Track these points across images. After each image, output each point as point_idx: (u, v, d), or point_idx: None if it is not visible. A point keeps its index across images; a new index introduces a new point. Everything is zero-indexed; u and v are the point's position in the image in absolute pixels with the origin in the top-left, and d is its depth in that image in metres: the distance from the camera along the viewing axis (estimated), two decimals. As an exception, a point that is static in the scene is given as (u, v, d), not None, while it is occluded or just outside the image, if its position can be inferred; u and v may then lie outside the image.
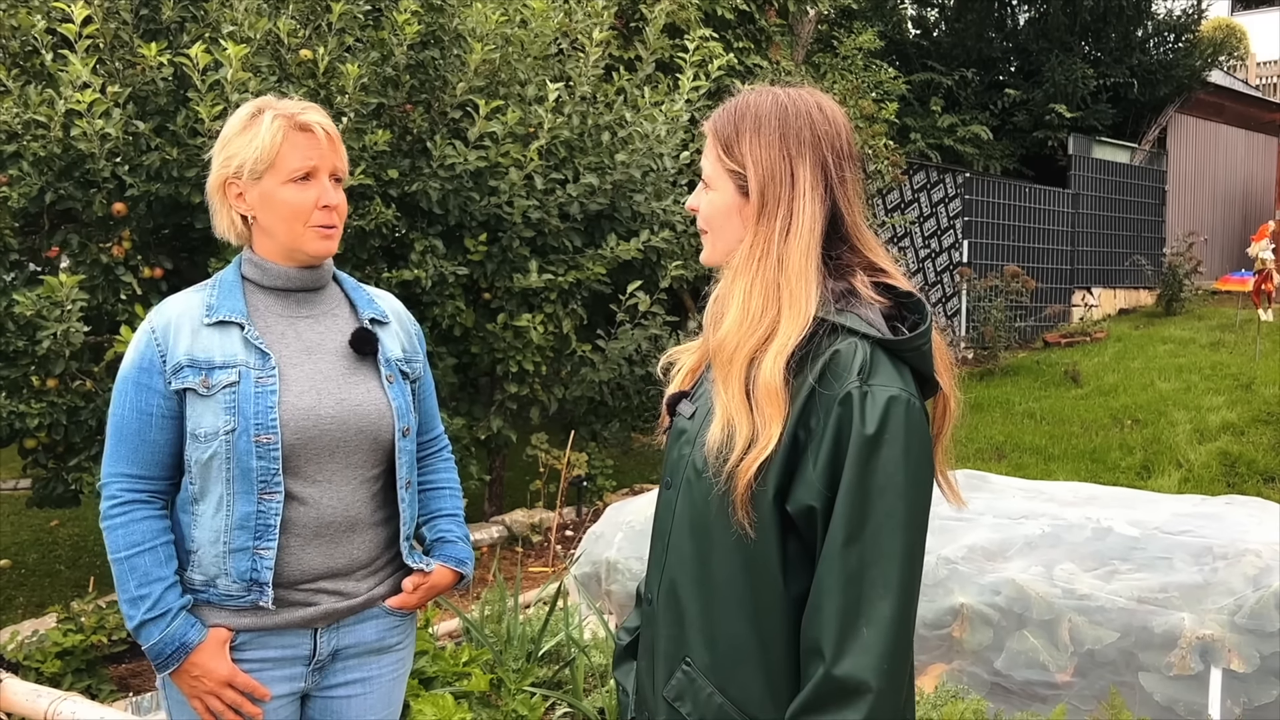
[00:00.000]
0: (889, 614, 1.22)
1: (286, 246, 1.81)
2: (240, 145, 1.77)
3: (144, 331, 1.78)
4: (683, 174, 5.89)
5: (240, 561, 1.73)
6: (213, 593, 1.75)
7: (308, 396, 1.77)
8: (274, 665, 1.79)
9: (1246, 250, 11.23)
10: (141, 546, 1.72)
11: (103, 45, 4.29)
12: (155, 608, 1.70)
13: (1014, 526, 3.59)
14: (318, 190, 1.79)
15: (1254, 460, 7.25)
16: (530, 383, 5.40)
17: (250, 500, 1.72)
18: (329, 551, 1.80)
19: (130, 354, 1.77)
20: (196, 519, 1.76)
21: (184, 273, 4.59)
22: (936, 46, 14.64)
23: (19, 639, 3.78)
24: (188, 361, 1.73)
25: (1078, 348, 11.75)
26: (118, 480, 1.75)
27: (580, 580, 4.16)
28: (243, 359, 1.74)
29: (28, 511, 5.75)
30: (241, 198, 1.79)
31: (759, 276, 1.34)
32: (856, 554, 1.23)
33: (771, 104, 1.38)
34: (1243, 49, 18.89)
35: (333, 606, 1.81)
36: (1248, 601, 3.00)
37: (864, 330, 1.29)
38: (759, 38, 9.08)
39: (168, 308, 1.80)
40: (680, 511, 1.39)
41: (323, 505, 1.78)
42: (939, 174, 12.54)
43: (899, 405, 1.26)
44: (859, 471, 1.24)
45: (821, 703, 1.23)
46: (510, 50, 5.18)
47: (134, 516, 1.73)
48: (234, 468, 1.71)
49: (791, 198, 1.35)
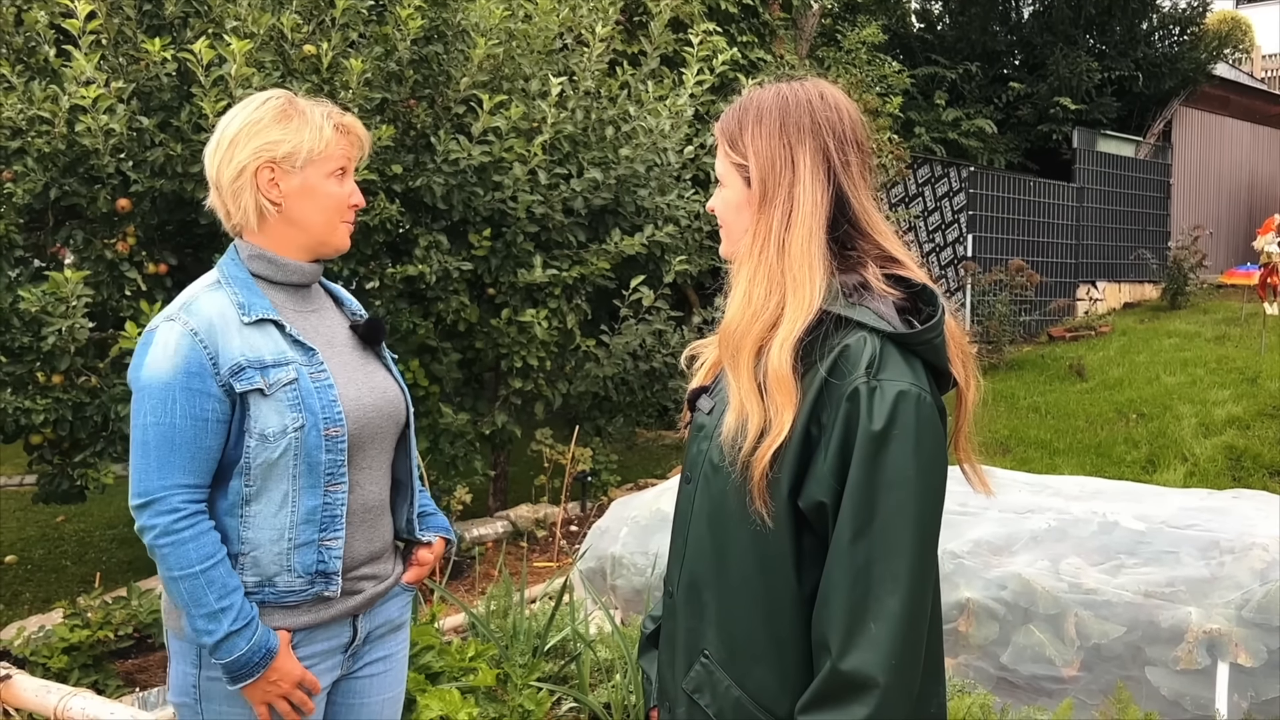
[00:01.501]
0: (897, 609, 1.22)
1: (317, 239, 1.81)
2: (286, 133, 1.75)
3: (181, 334, 1.69)
4: (686, 169, 5.88)
5: (306, 555, 1.73)
6: (268, 592, 1.73)
7: (351, 387, 1.80)
8: (322, 658, 1.81)
9: (1252, 244, 11.19)
10: (215, 558, 1.67)
11: (106, 41, 4.28)
12: (239, 618, 1.67)
13: (1019, 521, 3.58)
14: (351, 187, 1.84)
15: (1260, 454, 7.23)
16: (534, 378, 5.40)
17: (316, 494, 1.73)
18: (370, 536, 1.85)
19: (169, 358, 1.68)
20: (248, 520, 1.71)
21: (189, 268, 4.59)
22: (940, 40, 14.60)
23: (25, 634, 3.79)
24: (246, 362, 1.69)
25: (1082, 342, 11.72)
26: (178, 492, 1.67)
27: (585, 575, 4.17)
28: (291, 356, 1.74)
29: (34, 507, 5.76)
30: (274, 184, 1.76)
31: (761, 263, 1.35)
32: (864, 549, 1.23)
33: (773, 96, 1.40)
34: (1248, 42, 18.84)
35: (374, 591, 1.86)
36: (1255, 596, 3.00)
37: (873, 324, 1.28)
38: (763, 32, 9.07)
39: (201, 309, 1.73)
40: (699, 505, 1.40)
41: (368, 491, 1.83)
42: (943, 168, 12.51)
43: (908, 400, 1.25)
44: (867, 467, 1.23)
45: (829, 697, 1.23)
46: (514, 45, 5.17)
47: (201, 529, 1.67)
48: (301, 463, 1.71)
49: (792, 183, 1.35)
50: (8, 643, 3.79)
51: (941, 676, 1.41)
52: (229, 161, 1.75)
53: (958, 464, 1.46)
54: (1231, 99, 16.36)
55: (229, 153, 1.75)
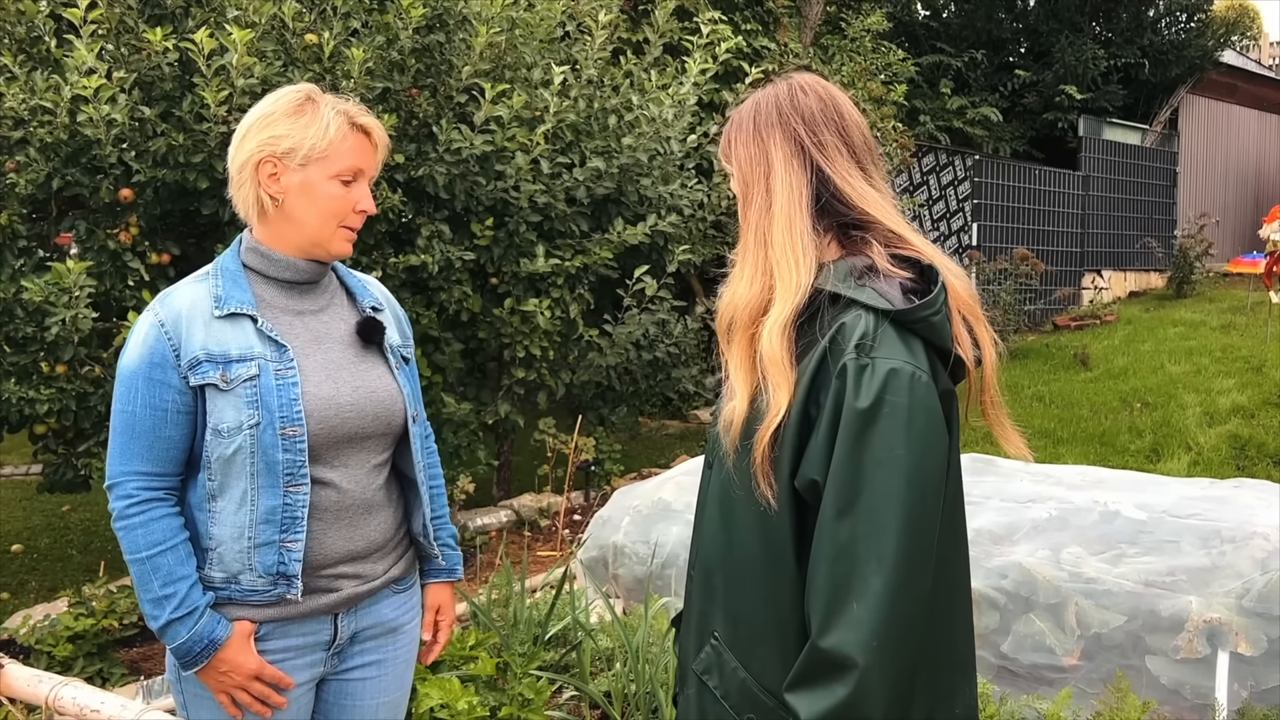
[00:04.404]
0: (880, 589, 1.20)
1: (310, 240, 1.78)
2: (292, 128, 1.74)
3: (150, 325, 1.72)
4: (690, 158, 5.86)
5: (266, 556, 1.72)
6: (234, 589, 1.73)
7: (326, 386, 1.77)
8: (296, 654, 1.79)
9: (1258, 232, 11.15)
10: (163, 545, 1.68)
11: (108, 30, 4.28)
12: (181, 606, 1.67)
13: (1021, 510, 3.58)
14: (359, 194, 1.80)
15: (1264, 443, 7.22)
16: (538, 368, 5.40)
17: (275, 494, 1.71)
18: (349, 535, 1.81)
19: (136, 348, 1.71)
20: (215, 515, 1.72)
21: (191, 258, 4.60)
22: (946, 28, 14.54)
23: (31, 623, 3.81)
24: (205, 356, 1.69)
25: (1087, 330, 11.70)
26: (132, 479, 1.70)
27: (587, 565, 4.18)
28: (259, 351, 1.72)
29: (39, 497, 5.79)
30: (275, 179, 1.74)
31: (749, 256, 1.38)
32: (848, 527, 1.22)
33: (749, 104, 1.45)
34: (1256, 29, 18.75)
35: (354, 590, 1.83)
36: (1255, 585, 3.00)
37: (870, 302, 1.29)
38: (767, 20, 9.04)
39: (174, 300, 1.74)
40: (712, 488, 1.43)
41: (344, 489, 1.79)
42: (948, 156, 12.48)
43: (900, 378, 1.24)
44: (852, 444, 1.23)
45: (810, 675, 1.23)
46: (516, 33, 5.16)
47: (152, 515, 1.69)
48: (258, 462, 1.69)
49: (768, 175, 1.38)
50: (13, 631, 3.81)
51: (971, 673, 1.39)
52: (237, 152, 1.76)
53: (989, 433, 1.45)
54: (1239, 86, 16.29)
55: (240, 143, 1.75)
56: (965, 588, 1.39)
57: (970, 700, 1.38)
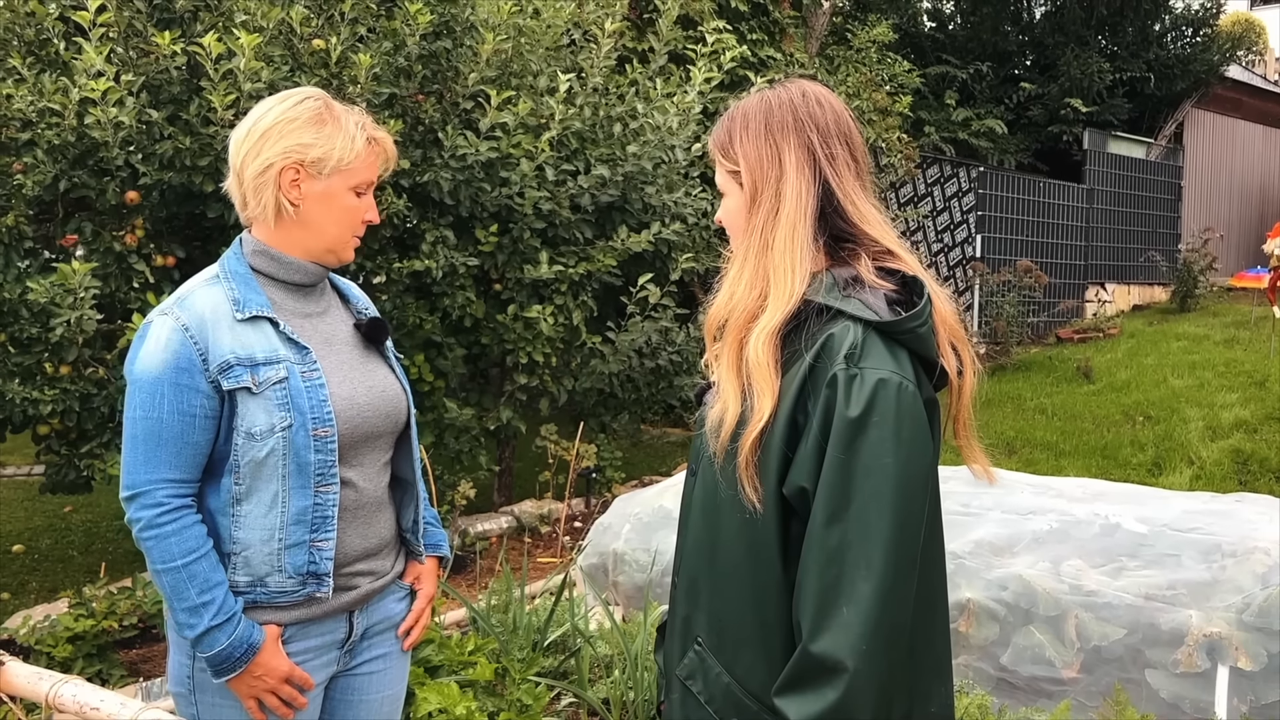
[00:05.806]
0: (869, 594, 1.21)
1: (325, 247, 1.80)
2: (318, 137, 1.74)
3: (172, 329, 1.69)
4: (694, 166, 5.88)
5: (296, 556, 1.73)
6: (260, 592, 1.73)
7: (345, 386, 1.79)
8: (315, 654, 1.81)
9: (1262, 247, 11.15)
10: (198, 553, 1.67)
11: (116, 34, 4.30)
12: (220, 613, 1.67)
13: (1022, 522, 3.58)
14: (369, 202, 1.84)
15: (1267, 458, 7.21)
16: (540, 374, 5.41)
17: (306, 494, 1.72)
18: (365, 533, 1.84)
19: (158, 353, 1.68)
20: (240, 519, 1.71)
21: (196, 261, 4.61)
22: (951, 39, 14.56)
23: (31, 623, 3.81)
24: (235, 360, 1.68)
25: (1090, 343, 11.69)
26: (162, 486, 1.67)
27: (587, 571, 4.17)
28: (284, 354, 1.72)
29: (41, 497, 5.80)
30: (296, 185, 1.74)
31: (748, 260, 1.38)
32: (838, 533, 1.23)
33: (757, 101, 1.44)
34: (1261, 44, 18.75)
35: (370, 587, 1.86)
36: (1256, 599, 2.99)
37: (857, 314, 1.30)
38: (772, 30, 9.07)
39: (194, 303, 1.72)
40: (696, 495, 1.44)
41: (361, 488, 1.82)
42: (953, 168, 12.49)
43: (888, 388, 1.26)
44: (843, 452, 1.24)
45: (800, 680, 1.24)
46: (522, 41, 5.18)
47: (185, 522, 1.68)
48: (290, 463, 1.70)
49: (779, 179, 1.38)
50: (13, 631, 3.82)
51: (947, 675, 1.41)
52: (256, 155, 1.73)
53: (958, 451, 1.47)
54: (1244, 101, 16.29)
55: (258, 145, 1.73)
56: (942, 590, 1.41)
57: (947, 700, 1.39)
